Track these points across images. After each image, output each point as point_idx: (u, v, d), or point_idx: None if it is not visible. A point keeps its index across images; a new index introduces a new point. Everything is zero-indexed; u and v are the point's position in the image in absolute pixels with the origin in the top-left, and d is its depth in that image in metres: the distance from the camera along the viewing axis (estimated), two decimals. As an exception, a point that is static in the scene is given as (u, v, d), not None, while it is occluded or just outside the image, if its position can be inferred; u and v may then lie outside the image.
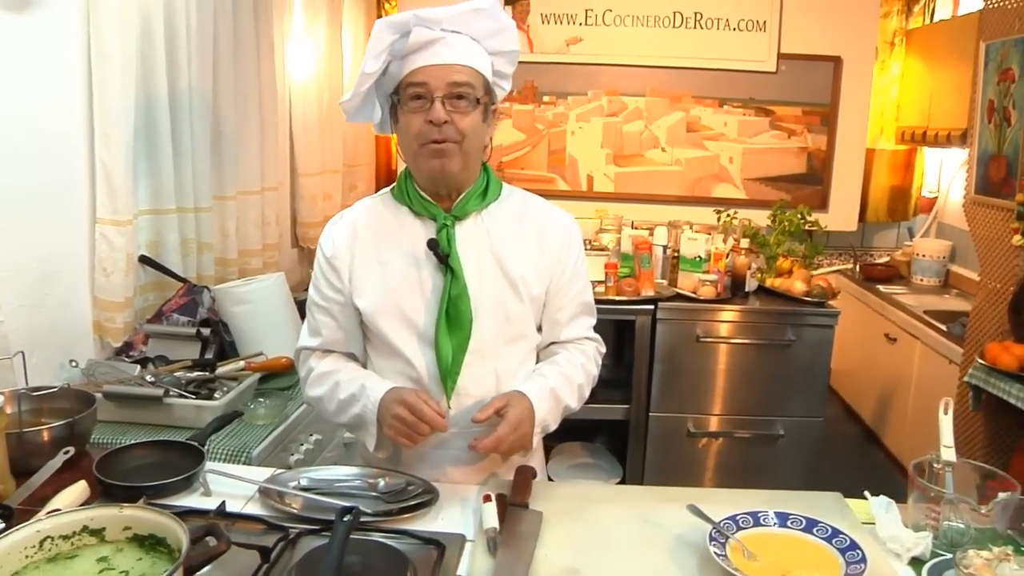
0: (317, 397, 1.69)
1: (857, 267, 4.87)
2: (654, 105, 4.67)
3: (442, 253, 1.60)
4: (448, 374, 1.61)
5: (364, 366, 1.74)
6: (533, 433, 1.60)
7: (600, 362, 1.81)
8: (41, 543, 1.10)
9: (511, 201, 1.71)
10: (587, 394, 1.75)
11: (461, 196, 1.64)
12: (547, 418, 1.63)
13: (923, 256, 4.66)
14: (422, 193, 1.64)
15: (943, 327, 3.73)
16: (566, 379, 1.68)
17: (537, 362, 1.78)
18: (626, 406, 3.35)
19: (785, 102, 4.61)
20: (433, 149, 1.55)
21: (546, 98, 4.72)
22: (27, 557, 1.08)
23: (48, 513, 1.16)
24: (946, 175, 4.88)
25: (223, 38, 2.86)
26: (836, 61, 4.55)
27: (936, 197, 4.98)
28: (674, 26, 4.56)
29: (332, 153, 4.08)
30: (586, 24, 4.61)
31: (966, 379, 2.95)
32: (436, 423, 1.51)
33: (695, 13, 4.54)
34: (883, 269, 4.79)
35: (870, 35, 4.58)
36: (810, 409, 3.35)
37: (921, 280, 4.65)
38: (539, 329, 1.75)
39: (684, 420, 3.37)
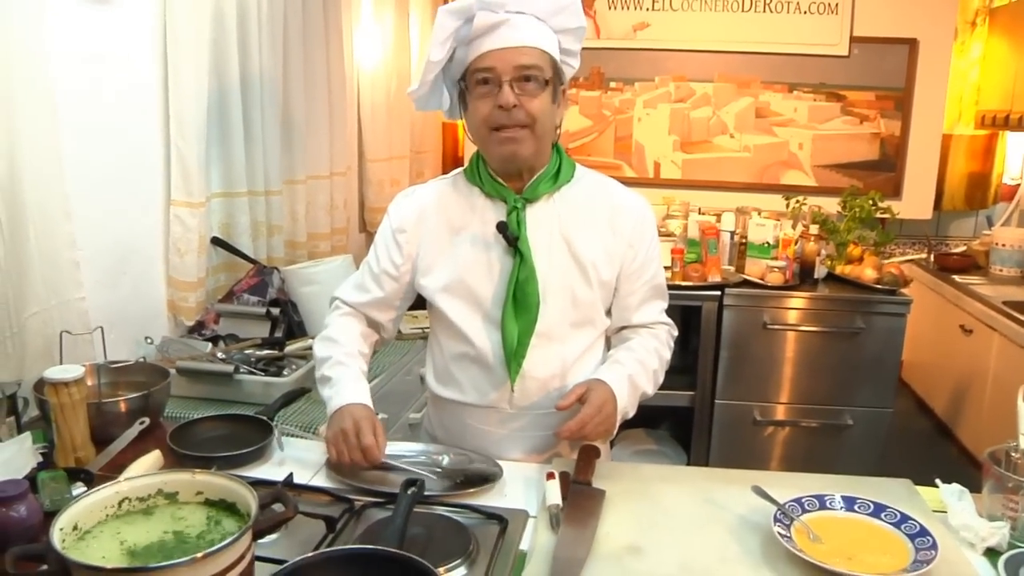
0: (316, 355, 1.72)
1: (931, 256, 4.73)
2: (722, 91, 4.59)
3: (511, 236, 1.60)
4: (513, 356, 1.61)
5: (379, 337, 1.79)
6: (616, 418, 1.59)
7: (672, 346, 1.79)
8: (120, 503, 1.14)
9: (584, 183, 1.70)
10: (661, 379, 1.74)
11: (533, 178, 1.64)
12: (627, 405, 1.62)
13: (1003, 245, 4.48)
14: (494, 175, 1.64)
15: (1023, 317, 3.59)
16: (641, 365, 1.67)
17: (608, 347, 1.77)
18: (691, 393, 3.32)
19: (857, 87, 4.48)
20: (504, 137, 1.55)
21: (613, 84, 4.68)
22: (106, 515, 1.12)
23: (126, 478, 1.20)
24: (1030, 161, 4.70)
25: (293, 26, 2.91)
26: (912, 43, 4.41)
27: (1019, 184, 4.80)
28: (743, 10, 4.47)
29: (399, 139, 4.13)
30: (653, 9, 4.55)
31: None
32: (369, 453, 1.49)
33: (765, -4, 4.46)
34: (959, 259, 4.63)
35: (949, 15, 4.41)
36: (880, 399, 3.28)
37: (1000, 270, 4.48)
38: (608, 314, 1.73)
39: (750, 408, 3.33)
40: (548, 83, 1.56)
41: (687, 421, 3.40)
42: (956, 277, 4.42)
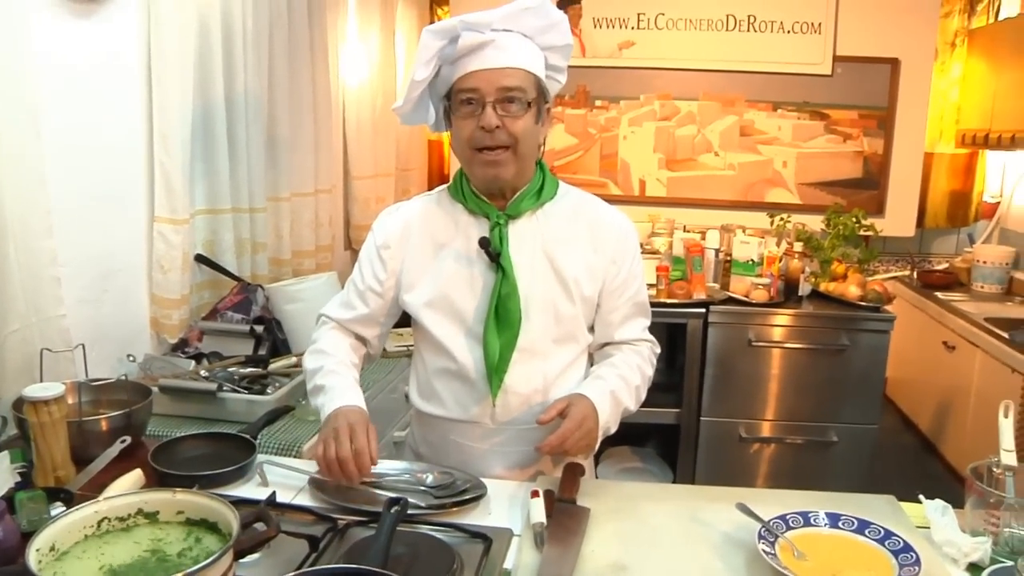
0: (305, 367, 1.71)
1: (915, 274, 4.76)
2: (707, 109, 4.63)
3: (493, 251, 1.60)
4: (495, 371, 1.61)
5: (367, 352, 1.79)
6: (598, 433, 1.59)
7: (655, 363, 1.79)
8: (99, 523, 1.13)
9: (567, 200, 1.71)
10: (643, 396, 1.75)
11: (516, 195, 1.64)
12: (609, 420, 1.62)
13: (984, 262, 4.53)
14: (476, 192, 1.65)
15: (1005, 334, 3.62)
16: (623, 381, 1.67)
17: (591, 363, 1.77)
18: (677, 410, 3.33)
19: (841, 105, 4.53)
20: (486, 160, 1.57)
21: (598, 102, 4.71)
22: (85, 535, 1.11)
23: (105, 497, 1.19)
24: (1010, 179, 4.74)
25: (278, 43, 2.92)
26: (893, 63, 4.46)
27: (999, 202, 4.84)
28: (727, 29, 4.51)
29: (385, 157, 4.13)
30: (638, 28, 4.59)
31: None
32: (360, 456, 1.44)
33: (748, 16, 4.49)
34: (942, 276, 4.67)
35: (930, 36, 4.48)
36: (865, 416, 3.29)
37: (982, 287, 4.52)
38: (591, 330, 1.74)
39: (736, 425, 3.33)
40: (532, 104, 1.57)
41: (673, 438, 3.40)
42: (939, 294, 4.44)
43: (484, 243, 1.62)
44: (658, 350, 1.81)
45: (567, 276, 1.65)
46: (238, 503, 1.21)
